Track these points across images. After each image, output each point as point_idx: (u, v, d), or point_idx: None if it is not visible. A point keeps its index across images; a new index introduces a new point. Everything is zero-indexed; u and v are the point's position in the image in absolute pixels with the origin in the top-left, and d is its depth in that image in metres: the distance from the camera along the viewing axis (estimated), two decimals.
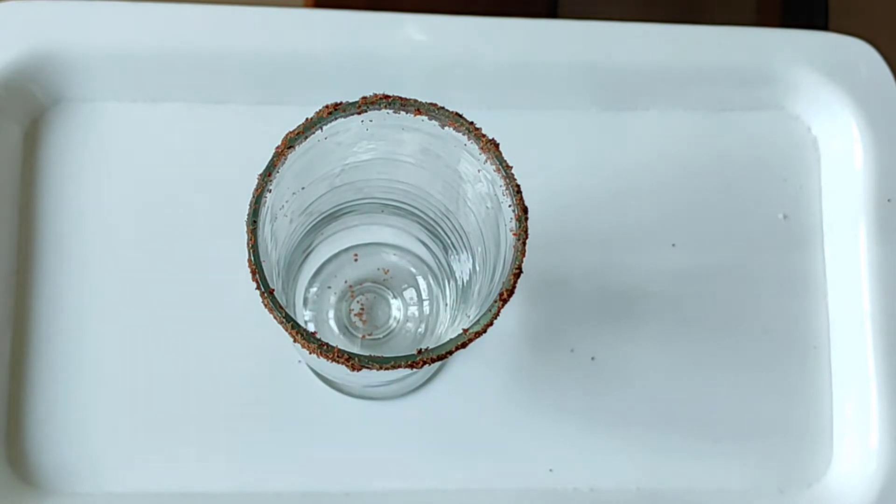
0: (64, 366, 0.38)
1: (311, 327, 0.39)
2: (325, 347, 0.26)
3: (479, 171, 0.28)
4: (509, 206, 0.27)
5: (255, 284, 0.26)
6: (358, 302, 0.39)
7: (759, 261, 0.41)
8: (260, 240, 0.27)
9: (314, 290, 0.39)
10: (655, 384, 0.40)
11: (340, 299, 0.39)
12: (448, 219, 0.33)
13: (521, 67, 0.41)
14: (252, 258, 0.27)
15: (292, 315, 0.27)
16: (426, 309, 0.39)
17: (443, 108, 0.27)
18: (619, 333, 0.40)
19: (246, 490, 0.38)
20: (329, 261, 0.39)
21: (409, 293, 0.39)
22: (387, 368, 0.26)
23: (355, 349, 0.32)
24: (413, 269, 0.39)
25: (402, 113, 0.28)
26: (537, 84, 0.41)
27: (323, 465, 0.38)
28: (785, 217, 0.42)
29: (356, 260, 0.39)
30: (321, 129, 0.28)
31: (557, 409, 0.39)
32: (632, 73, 0.41)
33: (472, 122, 0.27)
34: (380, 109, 0.27)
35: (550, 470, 0.39)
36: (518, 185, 0.27)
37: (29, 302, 0.39)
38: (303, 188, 0.30)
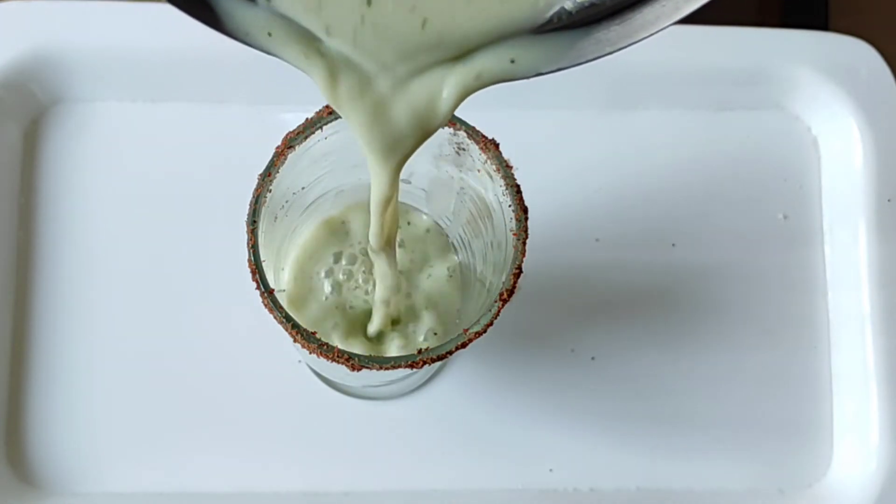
0: (64, 366, 0.38)
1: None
2: (325, 347, 0.26)
3: (479, 170, 0.28)
4: (509, 206, 0.27)
5: (254, 284, 0.26)
6: None
7: (759, 261, 0.41)
8: (260, 240, 0.27)
9: None
10: (655, 384, 0.40)
11: None
12: (448, 218, 0.33)
13: None
14: (252, 258, 0.27)
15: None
16: None
17: None
18: (619, 333, 0.40)
19: (246, 490, 0.38)
20: None
21: None
22: (387, 368, 0.26)
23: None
24: None
25: None
26: (537, 84, 0.41)
27: (323, 465, 0.38)
28: (785, 217, 0.42)
29: None
30: (321, 129, 0.28)
31: (557, 409, 0.39)
32: (632, 73, 0.41)
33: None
34: None
35: (550, 470, 0.39)
36: (518, 185, 0.27)
37: (29, 302, 0.39)
38: (303, 188, 0.30)
